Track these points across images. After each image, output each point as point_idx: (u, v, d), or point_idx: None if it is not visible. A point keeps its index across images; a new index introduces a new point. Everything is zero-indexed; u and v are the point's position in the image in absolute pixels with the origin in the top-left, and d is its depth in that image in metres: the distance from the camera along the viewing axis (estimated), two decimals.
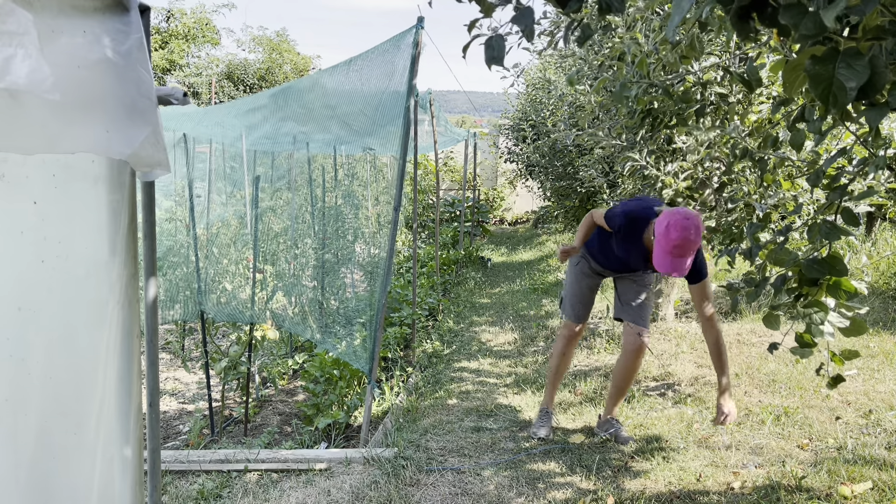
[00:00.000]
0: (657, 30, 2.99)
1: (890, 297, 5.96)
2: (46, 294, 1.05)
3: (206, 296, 5.27)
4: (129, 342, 1.20)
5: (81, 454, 1.12)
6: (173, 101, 1.38)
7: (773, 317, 2.06)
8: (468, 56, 1.78)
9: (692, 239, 2.71)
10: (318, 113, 5.83)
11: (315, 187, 7.60)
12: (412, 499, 2.88)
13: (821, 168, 1.96)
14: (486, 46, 1.54)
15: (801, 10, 1.12)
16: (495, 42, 1.53)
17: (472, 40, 1.61)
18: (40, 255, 1.03)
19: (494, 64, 1.53)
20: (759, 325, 5.40)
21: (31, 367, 1.04)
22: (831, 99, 1.17)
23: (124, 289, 1.18)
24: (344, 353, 4.47)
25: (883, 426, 3.41)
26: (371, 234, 8.26)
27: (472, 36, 1.60)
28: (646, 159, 4.02)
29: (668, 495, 2.82)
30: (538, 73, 9.97)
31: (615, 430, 3.47)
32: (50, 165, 1.04)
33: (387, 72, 4.03)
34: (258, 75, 25.59)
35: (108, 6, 1.06)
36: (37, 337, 1.04)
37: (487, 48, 1.53)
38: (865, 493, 2.68)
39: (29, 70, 0.93)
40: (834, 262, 1.79)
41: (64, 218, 1.07)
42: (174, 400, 6.21)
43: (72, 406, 1.10)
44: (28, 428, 1.04)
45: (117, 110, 1.05)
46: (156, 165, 1.13)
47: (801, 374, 4.25)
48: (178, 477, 3.29)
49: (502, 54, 1.52)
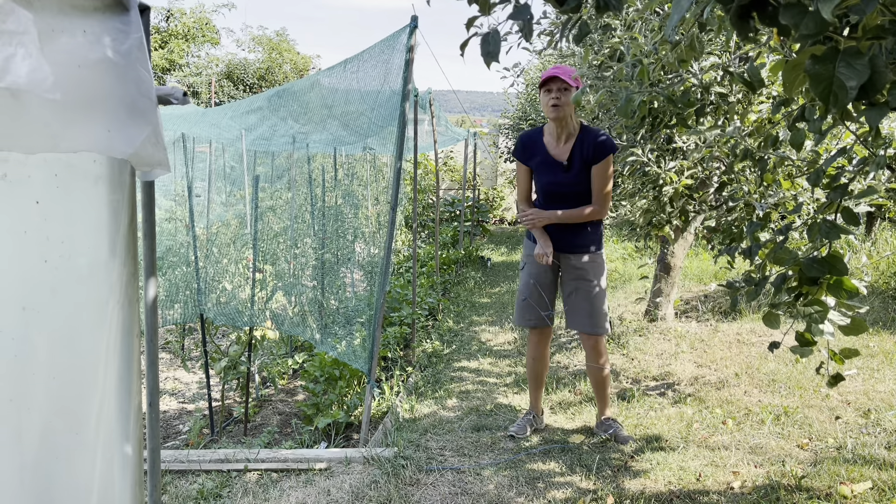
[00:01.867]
0: (656, 30, 2.99)
1: (890, 296, 5.96)
2: (49, 294, 1.05)
3: (205, 295, 5.27)
4: (129, 342, 1.20)
5: (82, 454, 1.12)
6: (173, 100, 1.38)
7: (773, 316, 2.06)
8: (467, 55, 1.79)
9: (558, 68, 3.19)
10: (317, 113, 5.84)
11: (315, 187, 7.60)
12: (412, 498, 2.88)
13: (821, 167, 1.96)
14: (482, 42, 1.54)
15: (801, 10, 1.12)
16: (492, 38, 1.53)
17: (470, 38, 1.62)
18: (43, 255, 1.04)
19: (490, 59, 1.54)
20: (758, 325, 5.40)
21: (35, 367, 1.04)
22: (831, 98, 1.17)
23: (124, 288, 1.18)
24: (343, 353, 4.47)
25: (883, 426, 3.41)
26: (371, 233, 8.27)
27: (470, 33, 1.61)
28: (647, 156, 4.02)
29: (668, 495, 2.82)
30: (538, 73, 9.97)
31: (614, 430, 3.46)
32: (52, 165, 1.04)
33: (383, 72, 4.02)
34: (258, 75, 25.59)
35: (107, 6, 1.06)
36: (40, 337, 1.04)
37: (484, 44, 1.54)
38: (865, 493, 2.68)
39: (29, 69, 0.93)
40: (834, 261, 1.80)
41: (66, 218, 1.07)
42: (174, 399, 6.21)
43: (73, 406, 1.10)
44: (32, 428, 1.04)
45: (118, 110, 1.05)
46: (156, 165, 1.14)
47: (801, 373, 4.25)
48: (177, 476, 3.29)
49: (498, 50, 1.53)
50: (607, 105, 4.57)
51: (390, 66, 3.89)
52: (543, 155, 3.31)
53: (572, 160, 3.27)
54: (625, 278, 8.29)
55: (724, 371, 4.47)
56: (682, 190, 4.34)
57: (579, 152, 3.25)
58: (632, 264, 9.00)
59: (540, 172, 3.34)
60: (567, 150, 3.27)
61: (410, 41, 3.68)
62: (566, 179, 3.28)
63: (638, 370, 4.67)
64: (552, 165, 3.29)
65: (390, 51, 3.87)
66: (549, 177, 3.31)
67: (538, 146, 3.34)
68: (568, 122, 3.25)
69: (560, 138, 3.29)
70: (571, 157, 3.27)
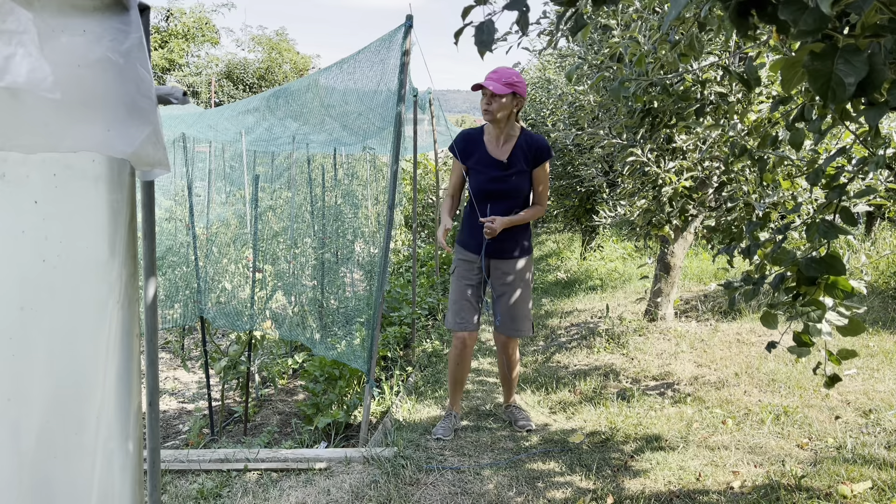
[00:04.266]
0: (655, 28, 3.00)
1: (889, 296, 5.96)
2: (48, 294, 1.05)
3: (205, 295, 5.26)
4: (128, 342, 1.20)
5: (82, 454, 1.12)
6: (173, 100, 1.38)
7: (771, 316, 2.06)
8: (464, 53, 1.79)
9: (504, 68, 3.27)
10: (316, 113, 5.83)
11: (315, 186, 7.60)
12: (412, 498, 2.88)
13: (820, 167, 1.96)
14: (476, 31, 1.54)
15: (800, 6, 1.12)
16: (486, 27, 1.54)
17: (465, 27, 1.62)
18: (42, 255, 1.04)
19: (484, 48, 1.54)
20: (758, 325, 5.40)
21: (33, 367, 1.04)
22: (830, 94, 1.17)
23: (124, 288, 1.18)
24: (342, 353, 4.47)
25: (882, 425, 3.41)
26: (371, 233, 8.27)
27: (465, 23, 1.61)
28: (647, 156, 4.02)
29: (668, 494, 2.82)
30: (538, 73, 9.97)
31: (514, 416, 3.75)
32: (50, 165, 1.04)
33: (380, 72, 3.99)
34: (258, 74, 25.59)
35: (107, 5, 1.06)
36: (39, 337, 1.04)
37: (478, 33, 1.54)
38: (865, 493, 2.68)
39: (29, 69, 0.93)
40: (832, 261, 1.79)
41: (65, 217, 1.07)
42: (174, 399, 6.21)
43: (73, 406, 1.10)
44: (31, 427, 1.04)
45: (118, 109, 1.05)
46: (156, 165, 1.14)
47: (801, 373, 4.25)
48: (177, 476, 3.29)
49: (491, 39, 1.53)
50: (607, 104, 4.57)
51: (386, 67, 3.87)
52: (482, 154, 3.39)
53: (512, 161, 3.36)
54: (624, 278, 8.29)
55: (723, 371, 4.47)
56: (682, 190, 4.34)
57: (521, 154, 3.36)
58: (632, 264, 9.01)
59: (477, 171, 3.41)
60: (507, 151, 3.38)
61: (405, 45, 3.59)
62: (504, 178, 3.37)
63: (638, 370, 4.67)
64: (491, 164, 3.37)
65: (386, 51, 3.83)
66: (486, 175, 3.38)
67: (478, 145, 3.42)
68: (505, 125, 3.34)
69: (499, 139, 3.39)
70: (511, 158, 3.36)
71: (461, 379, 3.64)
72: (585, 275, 8.93)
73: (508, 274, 3.45)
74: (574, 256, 10.57)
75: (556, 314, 6.99)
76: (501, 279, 3.47)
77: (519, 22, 1.53)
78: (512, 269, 3.44)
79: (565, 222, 10.48)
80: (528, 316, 3.52)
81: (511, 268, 3.44)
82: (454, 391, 3.68)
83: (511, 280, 3.45)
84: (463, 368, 3.61)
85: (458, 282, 3.51)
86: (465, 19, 1.61)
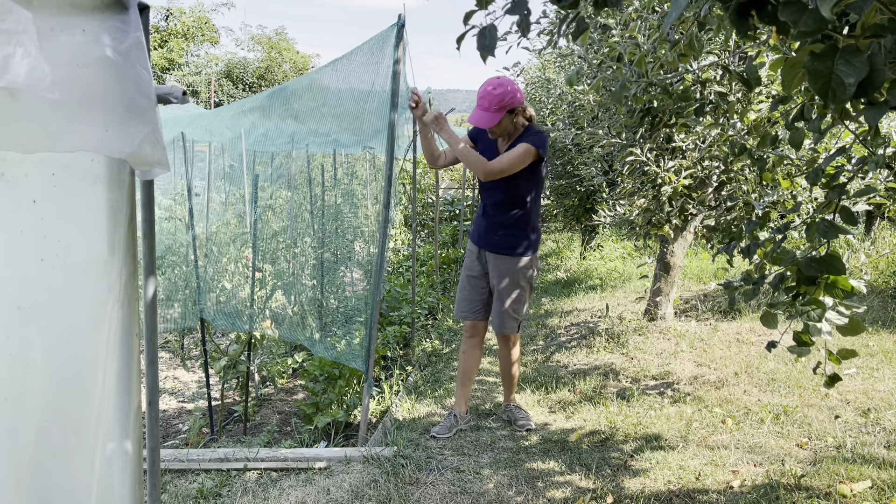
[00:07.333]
0: (654, 27, 2.99)
1: (889, 295, 5.96)
2: (46, 293, 1.05)
3: (205, 295, 5.26)
4: (128, 341, 1.20)
5: (81, 453, 1.12)
6: (172, 99, 1.38)
7: (771, 315, 2.06)
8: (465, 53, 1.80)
9: (489, 89, 3.21)
10: (315, 113, 5.83)
11: (314, 186, 7.60)
12: (412, 497, 2.88)
13: (820, 166, 1.96)
14: (478, 36, 1.55)
15: (800, 7, 1.12)
16: (488, 32, 1.54)
17: (467, 31, 1.62)
18: (40, 254, 1.03)
19: (486, 53, 1.54)
20: (757, 325, 5.40)
21: (32, 367, 1.04)
22: (830, 94, 1.17)
23: (123, 288, 1.18)
24: (341, 353, 4.47)
25: (882, 425, 3.41)
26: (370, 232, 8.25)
27: (467, 27, 1.61)
28: (646, 155, 4.01)
29: (668, 494, 2.82)
30: (538, 73, 9.96)
31: (513, 414, 3.76)
32: (49, 164, 1.03)
33: (373, 73, 3.96)
34: (257, 74, 25.58)
35: (107, 5, 1.05)
36: (37, 336, 1.04)
37: (480, 38, 1.54)
38: (864, 492, 2.69)
39: (28, 68, 0.93)
40: (832, 260, 1.79)
41: (63, 217, 1.07)
42: (174, 399, 6.21)
43: (71, 405, 1.10)
44: (28, 427, 1.04)
45: (117, 109, 1.05)
46: (155, 164, 1.13)
47: (801, 372, 4.25)
48: (177, 476, 3.29)
49: (494, 44, 1.54)
50: (607, 104, 4.57)
51: (380, 69, 3.84)
52: (487, 143, 3.49)
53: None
54: (624, 277, 8.30)
55: (723, 370, 4.47)
56: (681, 189, 4.34)
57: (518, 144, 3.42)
58: (631, 263, 9.01)
59: None
60: (506, 145, 3.45)
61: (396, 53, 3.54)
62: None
63: (637, 369, 4.67)
64: (493, 154, 3.43)
65: (379, 52, 3.80)
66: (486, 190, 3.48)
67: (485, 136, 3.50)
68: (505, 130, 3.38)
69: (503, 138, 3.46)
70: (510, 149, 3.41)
71: (468, 371, 3.63)
72: (585, 274, 8.93)
73: (501, 270, 3.47)
74: (574, 256, 10.58)
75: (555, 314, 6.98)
76: (495, 274, 3.50)
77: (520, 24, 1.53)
78: (505, 265, 3.45)
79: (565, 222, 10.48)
80: (516, 315, 3.51)
81: (504, 264, 3.45)
82: (460, 386, 3.68)
83: (503, 277, 3.46)
84: (469, 358, 3.62)
85: (463, 272, 3.67)
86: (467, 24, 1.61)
